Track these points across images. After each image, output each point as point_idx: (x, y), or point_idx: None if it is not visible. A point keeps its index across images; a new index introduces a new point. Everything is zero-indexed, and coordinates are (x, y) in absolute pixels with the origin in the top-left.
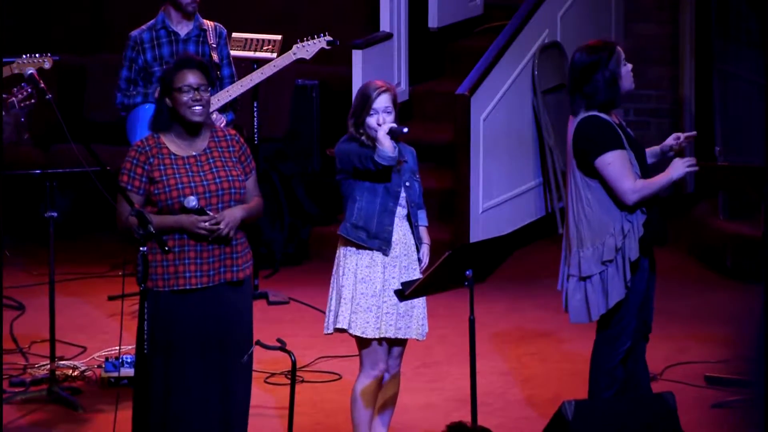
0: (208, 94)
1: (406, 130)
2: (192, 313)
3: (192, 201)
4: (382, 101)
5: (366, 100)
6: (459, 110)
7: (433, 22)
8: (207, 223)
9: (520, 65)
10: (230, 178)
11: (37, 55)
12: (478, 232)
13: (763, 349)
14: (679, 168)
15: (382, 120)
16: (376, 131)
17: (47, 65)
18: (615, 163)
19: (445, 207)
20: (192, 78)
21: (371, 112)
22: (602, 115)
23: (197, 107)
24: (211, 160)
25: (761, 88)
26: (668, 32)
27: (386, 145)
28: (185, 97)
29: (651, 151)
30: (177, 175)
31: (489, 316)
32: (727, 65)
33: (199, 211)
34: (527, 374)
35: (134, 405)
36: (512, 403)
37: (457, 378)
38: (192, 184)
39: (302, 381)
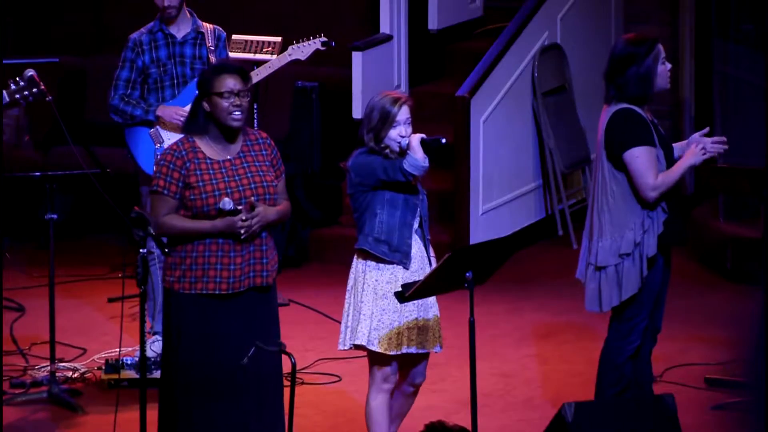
0: (247, 100)
1: (444, 140)
2: (223, 317)
3: (228, 203)
4: (404, 113)
5: (387, 113)
6: (459, 112)
7: (432, 23)
8: (242, 222)
9: (520, 67)
10: (265, 183)
11: None
12: (477, 234)
13: (763, 351)
14: (697, 155)
15: (405, 131)
16: (400, 143)
17: None
18: (642, 158)
19: (445, 209)
20: (233, 83)
21: (394, 125)
22: (636, 108)
23: (237, 113)
24: (245, 165)
25: (761, 90)
26: (668, 34)
27: (419, 155)
28: (225, 103)
29: (678, 146)
30: (213, 181)
31: (489, 317)
32: (727, 66)
33: (234, 212)
34: (527, 376)
35: (161, 404)
36: (512, 405)
37: (457, 380)
38: (228, 190)
39: (302, 383)
